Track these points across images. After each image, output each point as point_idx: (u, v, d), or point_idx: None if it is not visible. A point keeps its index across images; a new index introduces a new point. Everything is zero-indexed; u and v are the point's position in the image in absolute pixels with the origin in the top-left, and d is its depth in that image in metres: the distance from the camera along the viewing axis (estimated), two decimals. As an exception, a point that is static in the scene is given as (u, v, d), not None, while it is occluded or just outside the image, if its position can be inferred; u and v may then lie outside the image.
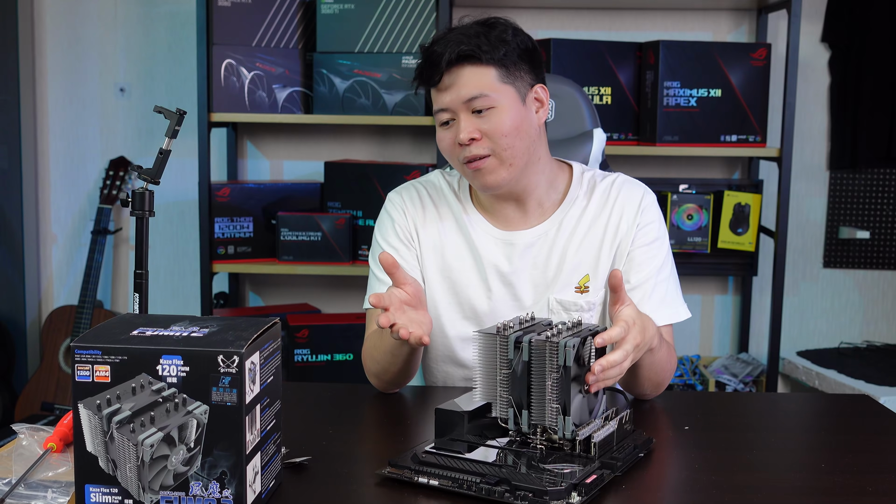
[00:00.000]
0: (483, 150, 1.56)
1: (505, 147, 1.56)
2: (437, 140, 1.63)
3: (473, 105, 1.56)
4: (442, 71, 1.55)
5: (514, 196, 1.66)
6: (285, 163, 3.38)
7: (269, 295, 3.43)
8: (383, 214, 1.75)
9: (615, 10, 3.26)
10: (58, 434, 1.27)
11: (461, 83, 1.56)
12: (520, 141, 1.57)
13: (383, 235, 1.73)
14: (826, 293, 3.40)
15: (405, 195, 1.74)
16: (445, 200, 1.72)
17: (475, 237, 1.68)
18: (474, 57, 1.55)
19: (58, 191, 3.44)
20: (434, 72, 1.56)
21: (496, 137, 1.55)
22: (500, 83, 1.56)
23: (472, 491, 1.15)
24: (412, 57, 2.93)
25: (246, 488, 1.07)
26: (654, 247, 1.65)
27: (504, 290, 1.66)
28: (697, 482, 1.25)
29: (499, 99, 1.56)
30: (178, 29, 3.34)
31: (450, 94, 1.57)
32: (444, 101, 1.58)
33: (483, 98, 1.55)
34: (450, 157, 1.62)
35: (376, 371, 1.64)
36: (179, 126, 1.61)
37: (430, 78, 1.57)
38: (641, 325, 1.37)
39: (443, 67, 1.55)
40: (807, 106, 3.29)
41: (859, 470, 1.29)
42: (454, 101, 1.56)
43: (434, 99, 1.60)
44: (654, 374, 1.55)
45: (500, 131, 1.55)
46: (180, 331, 1.09)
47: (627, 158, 3.23)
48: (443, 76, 1.56)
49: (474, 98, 1.55)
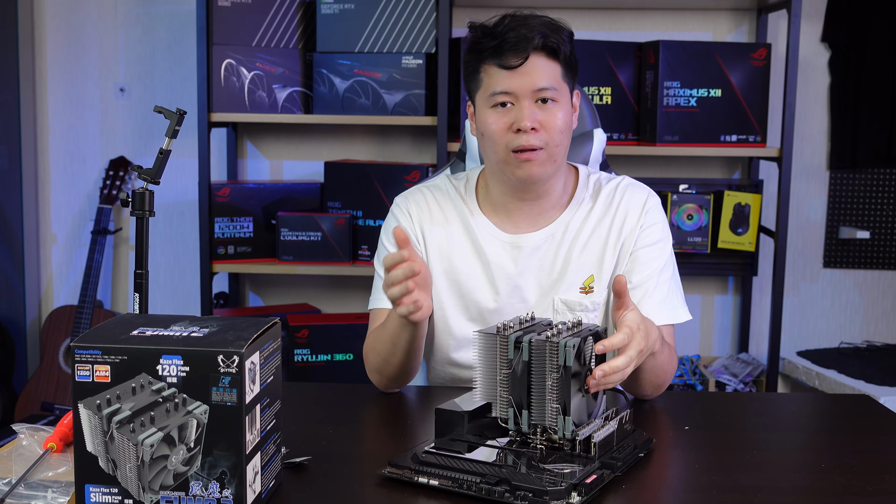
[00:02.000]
0: (538, 141, 1.58)
1: (557, 143, 1.59)
2: (483, 121, 1.61)
3: (541, 95, 1.58)
4: (526, 55, 1.57)
5: (536, 194, 1.67)
6: (285, 163, 3.38)
7: (269, 295, 3.43)
8: (390, 217, 1.76)
9: (615, 10, 3.26)
10: (58, 434, 1.27)
11: (537, 72, 1.58)
12: (566, 139, 1.62)
13: (389, 238, 1.73)
14: (826, 293, 3.40)
15: (412, 199, 1.75)
16: (452, 204, 1.73)
17: (482, 240, 1.69)
18: (555, 50, 1.58)
19: (58, 191, 3.44)
20: (514, 54, 1.57)
21: (552, 131, 1.58)
22: (562, 80, 1.61)
23: (472, 491, 1.15)
24: (412, 57, 2.92)
25: (246, 488, 1.07)
26: (656, 248, 1.67)
27: (511, 292, 1.67)
28: (697, 482, 1.25)
29: (560, 94, 1.60)
30: (178, 29, 3.34)
31: (523, 79, 1.57)
32: (514, 84, 1.58)
33: (552, 91, 1.58)
34: (496, 141, 1.60)
35: (377, 365, 1.63)
36: (179, 126, 1.61)
37: (506, 59, 1.57)
38: (645, 329, 1.37)
39: (528, 51, 1.56)
40: (807, 106, 3.29)
41: (859, 470, 1.29)
42: (524, 87, 1.57)
43: (496, 79, 1.59)
44: (656, 376, 1.55)
45: (557, 127, 1.59)
46: (180, 331, 1.09)
47: (627, 158, 3.23)
48: (525, 61, 1.57)
49: (546, 89, 1.58)
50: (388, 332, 1.58)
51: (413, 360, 1.61)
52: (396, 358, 1.59)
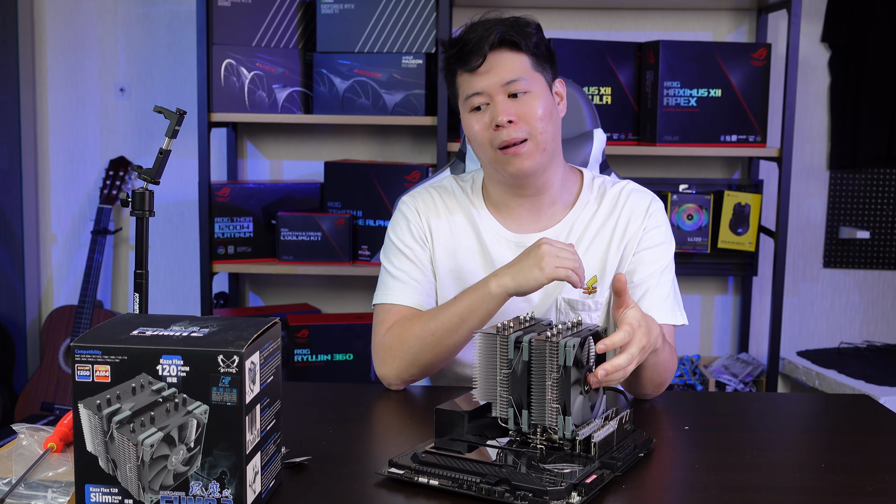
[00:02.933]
0: (521, 133, 1.59)
1: (540, 130, 1.60)
2: (467, 126, 1.64)
3: (511, 88, 1.60)
4: (484, 54, 1.59)
5: (534, 189, 1.67)
6: (285, 163, 3.38)
7: (269, 295, 3.43)
8: (397, 215, 1.76)
9: (615, 10, 3.26)
10: (58, 434, 1.26)
11: (501, 67, 1.60)
12: (552, 126, 1.63)
13: (398, 235, 1.73)
14: (826, 293, 3.40)
15: (419, 198, 1.76)
16: (458, 203, 1.74)
17: (487, 239, 1.70)
18: (514, 43, 1.61)
19: (58, 191, 3.44)
20: (474, 55, 1.60)
21: (532, 121, 1.59)
22: (534, 70, 1.62)
23: (472, 491, 1.15)
24: (412, 57, 2.92)
25: (246, 488, 1.07)
26: (660, 249, 1.68)
27: None
28: (697, 482, 1.25)
29: (533, 84, 1.61)
30: (178, 29, 3.34)
31: (488, 78, 1.60)
32: (482, 84, 1.60)
33: (521, 82, 1.60)
34: (480, 143, 1.63)
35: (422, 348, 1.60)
36: (179, 126, 1.61)
37: (469, 62, 1.60)
38: (646, 326, 1.37)
39: (485, 50, 1.59)
40: (807, 106, 3.29)
41: (859, 470, 1.29)
42: (492, 85, 1.60)
43: (467, 84, 1.62)
44: (657, 374, 1.55)
45: (536, 115, 1.60)
46: (180, 331, 1.09)
47: (627, 158, 3.23)
48: (484, 59, 1.59)
49: (513, 81, 1.60)
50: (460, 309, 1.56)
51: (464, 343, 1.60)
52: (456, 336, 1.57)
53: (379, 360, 1.65)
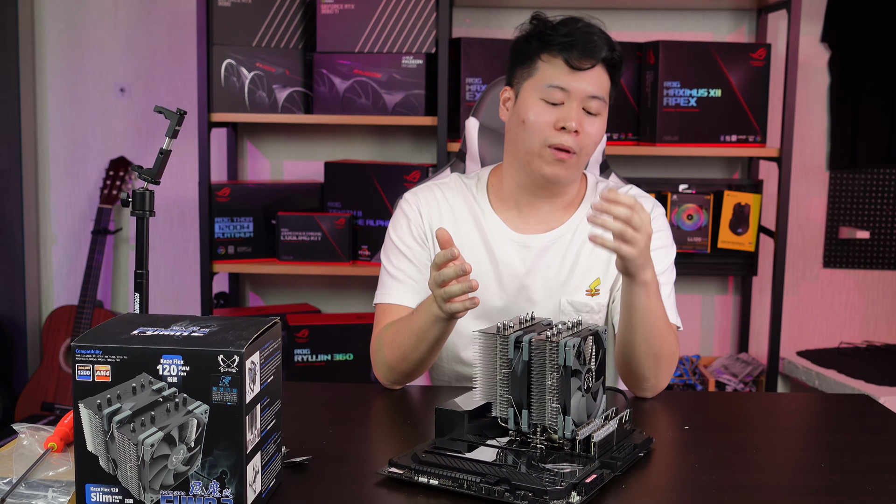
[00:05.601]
0: (576, 145, 1.61)
1: (588, 152, 1.64)
2: (527, 108, 1.62)
3: (590, 104, 1.61)
4: (595, 61, 1.60)
5: (553, 192, 1.69)
6: (285, 163, 3.38)
7: (269, 295, 3.44)
8: (398, 213, 1.76)
9: (615, 10, 3.26)
10: (58, 434, 1.27)
11: (596, 81, 1.61)
12: (594, 151, 1.66)
13: (398, 233, 1.73)
14: (826, 293, 3.41)
15: (421, 195, 1.75)
16: (463, 201, 1.74)
17: (491, 239, 1.70)
18: (615, 66, 1.64)
19: (58, 191, 3.44)
20: (587, 57, 1.59)
21: (589, 140, 1.62)
22: (608, 96, 1.65)
23: (472, 491, 1.15)
24: (412, 57, 2.92)
25: (246, 488, 1.07)
26: (661, 252, 1.69)
27: (517, 291, 1.69)
28: (697, 482, 1.25)
29: (604, 109, 1.64)
30: (178, 29, 3.34)
31: (583, 84, 1.60)
32: (573, 84, 1.60)
33: (601, 103, 1.62)
34: (534, 132, 1.61)
35: (394, 360, 1.61)
36: (180, 126, 1.61)
37: (577, 58, 1.59)
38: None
39: (597, 58, 1.60)
40: (807, 106, 3.30)
41: (859, 470, 1.29)
42: (581, 91, 1.60)
43: (555, 74, 1.61)
44: (650, 332, 1.53)
45: (594, 138, 1.63)
46: (180, 330, 1.09)
47: (627, 158, 3.23)
48: (593, 66, 1.60)
49: (597, 98, 1.61)
50: (415, 328, 1.55)
51: (433, 356, 1.60)
52: (419, 353, 1.57)
53: (371, 361, 1.68)
